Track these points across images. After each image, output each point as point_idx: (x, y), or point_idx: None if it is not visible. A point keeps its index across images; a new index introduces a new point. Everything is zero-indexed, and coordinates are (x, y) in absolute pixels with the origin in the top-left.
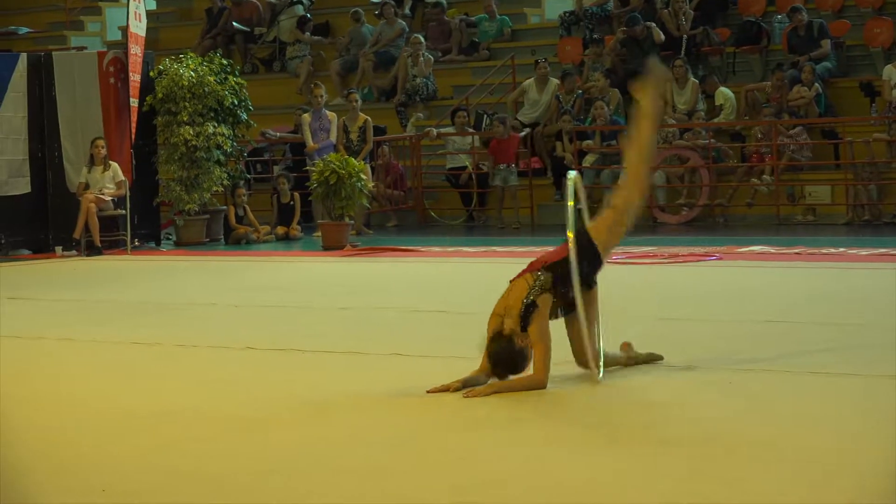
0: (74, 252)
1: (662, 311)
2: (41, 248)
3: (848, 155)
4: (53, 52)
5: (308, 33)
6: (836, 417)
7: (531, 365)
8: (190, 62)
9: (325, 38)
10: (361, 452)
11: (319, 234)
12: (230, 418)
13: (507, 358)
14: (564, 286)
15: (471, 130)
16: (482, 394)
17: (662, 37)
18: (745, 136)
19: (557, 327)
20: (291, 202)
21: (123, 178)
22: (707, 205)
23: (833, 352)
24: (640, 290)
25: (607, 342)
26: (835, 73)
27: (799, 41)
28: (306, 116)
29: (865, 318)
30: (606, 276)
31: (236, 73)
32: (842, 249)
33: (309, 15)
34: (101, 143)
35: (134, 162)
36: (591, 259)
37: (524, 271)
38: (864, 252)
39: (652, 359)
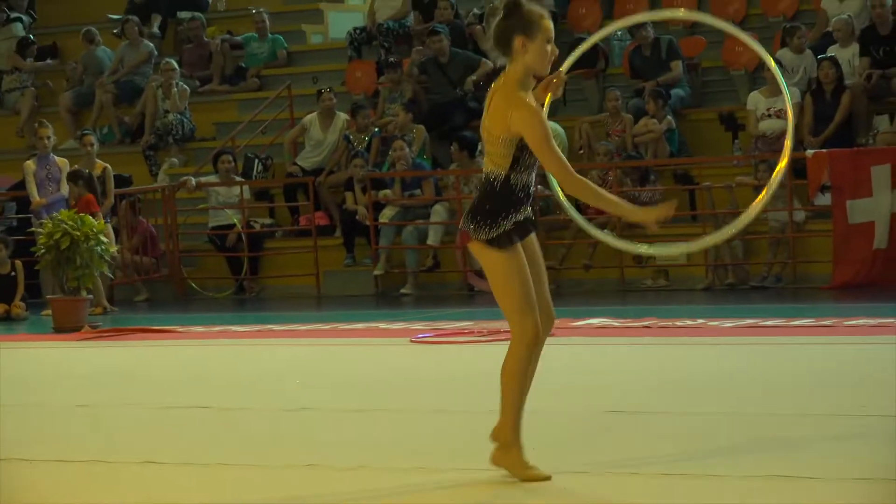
0: None
1: (476, 403)
2: None
3: (707, 204)
4: None
5: (30, 59)
6: None
7: None
8: None
9: (53, 62)
10: None
11: (49, 312)
12: None
13: None
14: None
15: (239, 179)
16: None
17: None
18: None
19: None
20: (13, 273)
21: None
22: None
23: (693, 450)
24: (452, 375)
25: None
26: (688, 102)
27: (644, 63)
28: (30, 164)
29: (729, 406)
30: (406, 363)
31: None
32: (701, 321)
33: (31, 36)
34: None
35: None
36: None
37: None
38: (727, 324)
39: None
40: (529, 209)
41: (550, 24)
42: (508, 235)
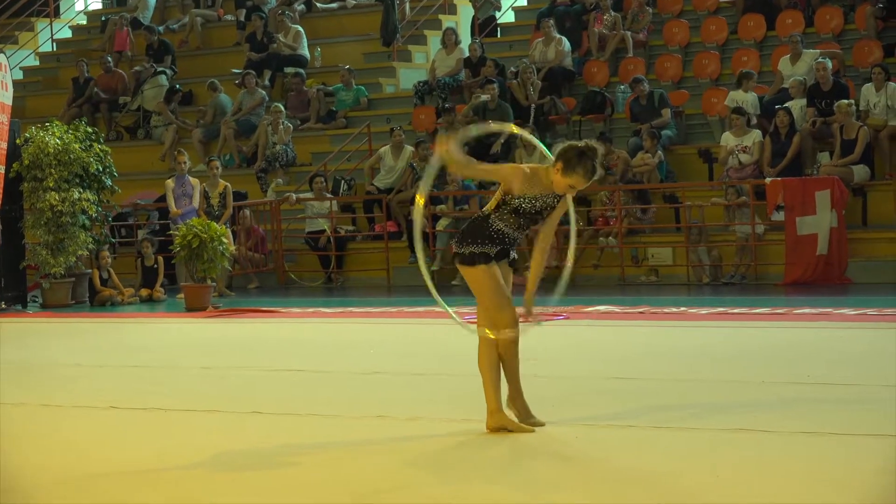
0: None
1: None
2: None
3: (688, 219)
4: None
5: (175, 104)
6: (677, 472)
7: None
8: (56, 130)
9: (187, 107)
10: None
11: (183, 295)
12: (91, 479)
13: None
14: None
15: (329, 195)
16: None
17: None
18: (591, 201)
19: None
20: (155, 265)
21: None
22: (555, 266)
23: (674, 407)
24: None
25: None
26: (675, 140)
27: (641, 110)
28: (169, 182)
29: (704, 374)
30: (456, 338)
31: (101, 140)
32: (683, 309)
33: (178, 86)
34: None
35: (0, 227)
36: None
37: None
38: (703, 311)
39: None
40: (496, 249)
41: (581, 181)
42: (472, 257)
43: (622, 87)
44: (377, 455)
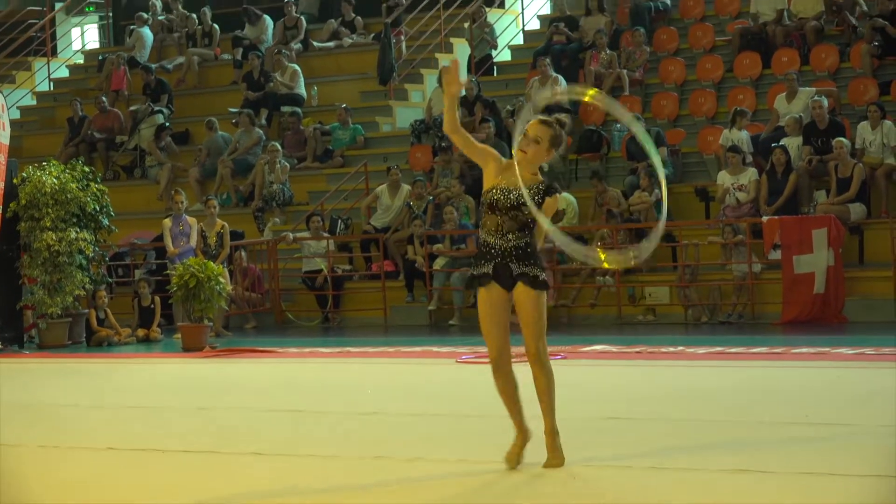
0: None
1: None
2: None
3: (685, 258)
4: None
5: (168, 139)
6: None
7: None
8: (52, 169)
9: (184, 146)
10: None
11: (179, 336)
12: None
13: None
14: None
15: (325, 235)
16: None
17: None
18: (587, 240)
19: None
20: (152, 305)
21: None
22: (552, 305)
23: (672, 448)
24: (489, 388)
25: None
26: (672, 179)
27: (637, 148)
28: (167, 222)
29: (702, 414)
30: (453, 378)
31: (98, 179)
32: (680, 348)
33: (168, 124)
34: None
35: None
36: None
37: None
38: (700, 351)
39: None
40: (488, 267)
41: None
42: (472, 279)
43: (618, 125)
44: (376, 497)
